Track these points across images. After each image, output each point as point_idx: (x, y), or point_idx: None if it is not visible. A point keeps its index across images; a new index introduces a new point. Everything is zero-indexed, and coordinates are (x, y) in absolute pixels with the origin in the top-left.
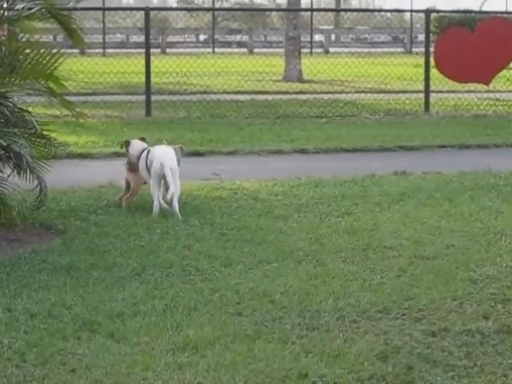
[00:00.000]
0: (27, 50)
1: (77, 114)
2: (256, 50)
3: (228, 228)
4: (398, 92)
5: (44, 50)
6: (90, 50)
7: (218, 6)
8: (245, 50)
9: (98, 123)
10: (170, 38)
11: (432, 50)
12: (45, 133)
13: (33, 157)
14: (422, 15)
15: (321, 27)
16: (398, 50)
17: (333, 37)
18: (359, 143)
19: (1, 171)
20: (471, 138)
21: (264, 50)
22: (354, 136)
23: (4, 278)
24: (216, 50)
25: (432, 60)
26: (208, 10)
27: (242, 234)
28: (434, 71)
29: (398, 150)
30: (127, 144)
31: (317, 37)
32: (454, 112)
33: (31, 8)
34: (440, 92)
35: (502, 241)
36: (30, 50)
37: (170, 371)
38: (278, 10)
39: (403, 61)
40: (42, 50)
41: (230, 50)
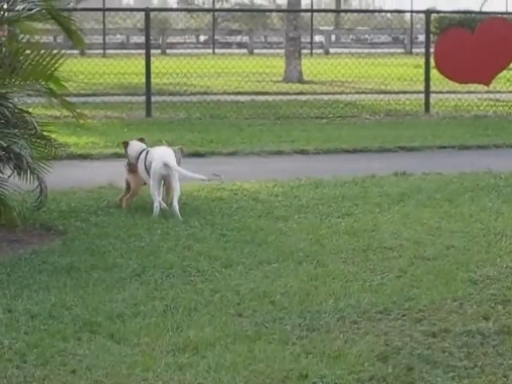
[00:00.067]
0: (27, 51)
1: (77, 115)
2: (256, 51)
3: (228, 229)
4: (398, 93)
5: (44, 50)
6: (90, 51)
7: (218, 6)
8: (245, 50)
9: (99, 124)
10: (170, 39)
11: (432, 50)
12: (45, 134)
13: (33, 158)
14: (423, 16)
15: (321, 28)
16: (399, 50)
17: (333, 37)
18: (359, 144)
19: (1, 172)
20: (471, 139)
21: (264, 50)
22: (354, 137)
23: (4, 279)
24: (216, 50)
25: (432, 60)
26: (208, 11)
27: (243, 235)
28: (434, 72)
29: (398, 151)
30: (126, 145)
31: (317, 37)
32: (455, 113)
33: (31, 9)
34: (440, 93)
35: (503, 241)
36: (30, 50)
37: (170, 372)
38: (278, 11)
39: (403, 61)
40: (42, 51)
41: (230, 50)
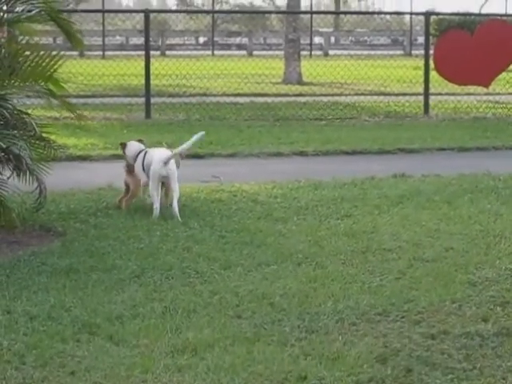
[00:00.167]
0: (27, 52)
1: (77, 116)
2: (255, 53)
3: (227, 230)
4: (397, 94)
5: (43, 52)
6: (89, 53)
7: (217, 8)
8: (244, 52)
9: (98, 125)
10: (169, 41)
11: (431, 52)
12: (44, 135)
13: (32, 159)
14: (422, 18)
15: (320, 30)
16: (398, 52)
17: (332, 39)
18: (359, 146)
19: (0, 173)
20: (470, 141)
21: (263, 52)
22: (353, 138)
23: (3, 280)
24: (215, 52)
25: (431, 62)
26: (207, 13)
27: (242, 237)
28: (433, 74)
29: (397, 153)
30: (124, 146)
31: (316, 39)
32: (454, 114)
33: (31, 10)
34: (439, 94)
35: (502, 243)
36: (29, 52)
37: (169, 374)
38: (277, 13)
39: (403, 63)
40: (41, 53)
41: (229, 52)
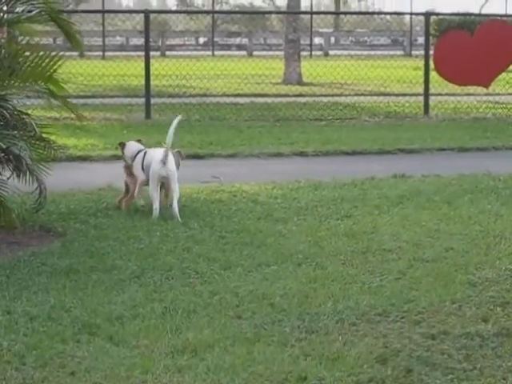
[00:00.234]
0: (27, 53)
1: (78, 116)
2: (255, 53)
3: (227, 231)
4: (397, 95)
5: (43, 52)
6: (89, 53)
7: (217, 8)
8: (244, 52)
9: (98, 126)
10: (169, 41)
11: (431, 52)
12: (44, 135)
13: (32, 159)
14: (422, 18)
15: (320, 30)
16: (398, 52)
17: (332, 39)
18: (359, 146)
19: (0, 174)
20: (470, 141)
21: (264, 52)
22: (353, 139)
23: (3, 281)
24: (215, 52)
25: (431, 63)
26: (208, 13)
27: (242, 237)
28: (433, 74)
29: (397, 153)
30: (123, 146)
31: (316, 39)
32: (454, 115)
33: (31, 11)
34: (439, 95)
35: (502, 244)
36: (29, 52)
37: (169, 374)
38: (277, 13)
39: (403, 63)
40: (41, 53)
41: (229, 52)
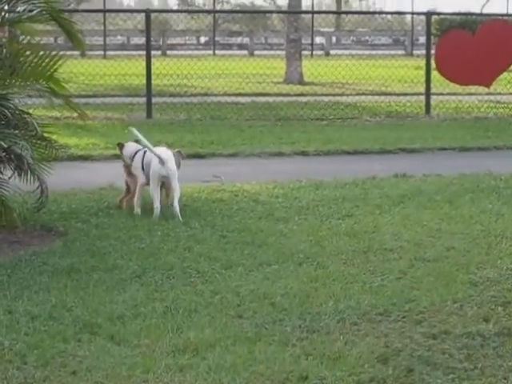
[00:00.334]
0: (28, 52)
1: (80, 114)
2: (257, 52)
3: (228, 230)
4: (398, 94)
5: (44, 52)
6: (90, 52)
7: (218, 7)
8: (245, 52)
9: (99, 125)
10: (170, 40)
11: (433, 52)
12: (45, 135)
13: (34, 158)
14: (423, 17)
15: (322, 29)
16: (399, 52)
17: (334, 39)
18: (360, 145)
19: (1, 173)
20: (472, 141)
21: (265, 52)
22: (354, 138)
23: (5, 280)
24: (217, 52)
25: (433, 62)
26: (209, 12)
27: (243, 236)
28: (434, 73)
29: (398, 153)
30: (121, 146)
31: (318, 39)
32: (455, 114)
33: (32, 10)
34: (441, 94)
35: (503, 243)
36: (30, 52)
37: (170, 373)
38: (278, 12)
39: (404, 63)
40: (42, 53)
41: (230, 52)
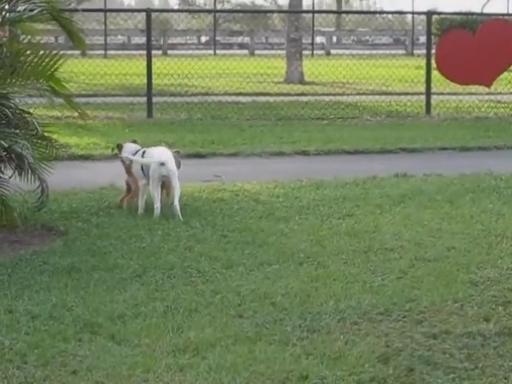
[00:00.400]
0: (28, 52)
1: (81, 113)
2: (257, 52)
3: (229, 230)
4: (399, 94)
5: (44, 51)
6: (91, 52)
7: (219, 7)
8: (246, 51)
9: (100, 125)
10: (171, 40)
11: (433, 51)
12: (46, 134)
13: (34, 158)
14: (424, 17)
15: (322, 29)
16: (400, 51)
17: (334, 39)
18: (360, 145)
19: (2, 172)
20: (472, 140)
21: (265, 51)
22: (355, 138)
23: (5, 280)
24: (217, 51)
25: (433, 62)
26: (209, 12)
27: (243, 236)
28: (435, 73)
29: (399, 152)
30: (120, 148)
31: (318, 39)
32: (456, 114)
33: (33, 10)
34: (441, 94)
35: (503, 243)
36: (31, 51)
37: (170, 373)
38: (279, 12)
39: (404, 63)
40: (41, 52)
41: (231, 51)
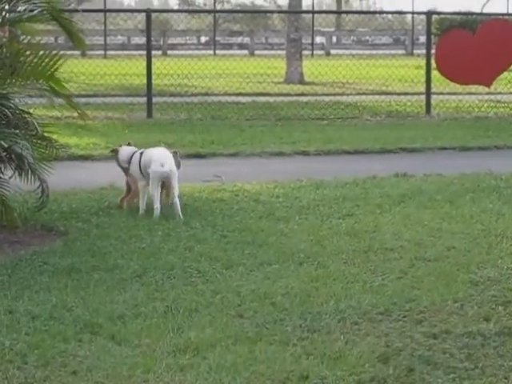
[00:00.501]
0: (28, 52)
1: (81, 113)
2: (257, 52)
3: (229, 230)
4: (399, 94)
5: (43, 51)
6: (91, 52)
7: (219, 7)
8: (246, 51)
9: (100, 125)
10: (171, 40)
11: (433, 51)
12: (46, 134)
13: (34, 158)
14: (424, 17)
15: (322, 29)
16: (400, 51)
17: (334, 39)
18: (360, 145)
19: (2, 173)
20: (472, 140)
21: (265, 51)
22: (355, 138)
23: (5, 280)
24: (217, 51)
25: (433, 62)
26: (209, 12)
27: (243, 236)
28: (435, 73)
29: (399, 152)
30: (116, 152)
31: (318, 39)
32: (455, 114)
33: (33, 10)
34: (441, 94)
35: (503, 243)
36: (31, 51)
37: (171, 373)
38: (279, 12)
39: (404, 63)
40: (41, 52)
41: (231, 51)
